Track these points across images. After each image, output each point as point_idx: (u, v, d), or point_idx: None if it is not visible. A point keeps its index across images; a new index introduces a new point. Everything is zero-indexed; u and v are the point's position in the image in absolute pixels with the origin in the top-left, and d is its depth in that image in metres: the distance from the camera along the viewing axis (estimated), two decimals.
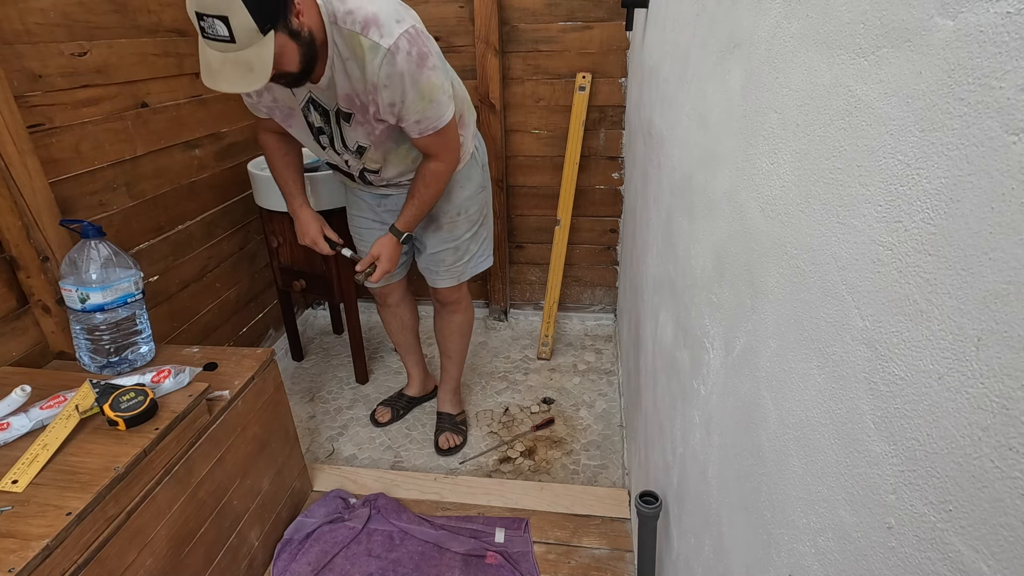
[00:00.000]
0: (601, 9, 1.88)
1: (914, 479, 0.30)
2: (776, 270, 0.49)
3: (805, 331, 0.43)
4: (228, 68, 0.95)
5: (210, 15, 0.90)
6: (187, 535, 1.05)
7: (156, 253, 1.61)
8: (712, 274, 0.68)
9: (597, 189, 2.17)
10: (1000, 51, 0.25)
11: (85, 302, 1.12)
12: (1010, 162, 0.24)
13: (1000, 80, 0.25)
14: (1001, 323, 0.24)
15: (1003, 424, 0.24)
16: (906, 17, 0.31)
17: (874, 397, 0.34)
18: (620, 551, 1.33)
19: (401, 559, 1.31)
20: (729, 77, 0.63)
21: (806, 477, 0.42)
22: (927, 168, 0.29)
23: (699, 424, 0.73)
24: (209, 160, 1.81)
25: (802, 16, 0.44)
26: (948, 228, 0.28)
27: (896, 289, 0.32)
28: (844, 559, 0.37)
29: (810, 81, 0.42)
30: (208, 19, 0.91)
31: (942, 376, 0.28)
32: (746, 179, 0.57)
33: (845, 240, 0.37)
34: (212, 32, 0.92)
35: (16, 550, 0.77)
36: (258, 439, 1.27)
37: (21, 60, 1.21)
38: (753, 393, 0.54)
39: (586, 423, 1.86)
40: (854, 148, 0.36)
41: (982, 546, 0.25)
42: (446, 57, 1.89)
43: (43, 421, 0.99)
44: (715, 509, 0.65)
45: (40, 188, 1.18)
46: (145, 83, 1.54)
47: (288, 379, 2.11)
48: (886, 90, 0.33)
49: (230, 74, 0.95)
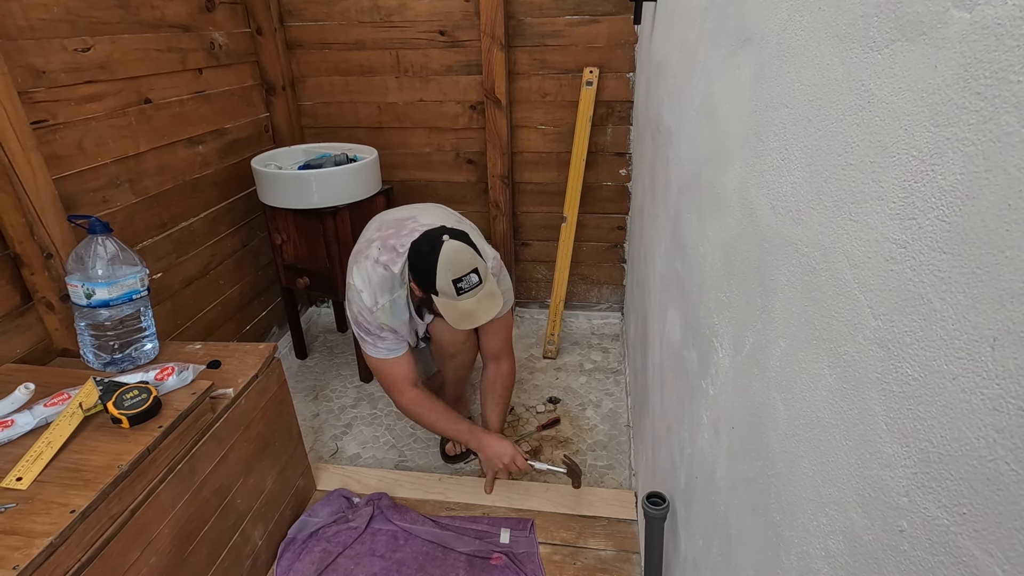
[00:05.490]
0: (609, 3, 1.87)
1: (927, 481, 0.30)
2: (786, 268, 0.48)
3: (816, 330, 0.42)
4: (484, 302, 1.22)
5: (466, 274, 1.19)
6: (190, 533, 1.05)
7: (159, 250, 1.62)
8: (721, 272, 0.68)
9: (604, 186, 2.16)
10: (1018, 44, 0.24)
11: (91, 298, 1.12)
12: None
13: (1018, 74, 0.24)
14: (1018, 323, 0.24)
15: (1019, 426, 0.24)
16: (921, 10, 0.31)
17: (886, 398, 0.33)
18: (627, 552, 1.33)
19: (405, 559, 1.31)
20: (739, 72, 0.62)
21: (816, 479, 0.42)
22: (942, 164, 0.29)
23: (707, 424, 0.73)
24: (212, 157, 1.82)
25: (814, 9, 0.44)
26: (963, 226, 0.27)
27: (910, 288, 0.31)
28: (855, 562, 0.37)
29: (822, 75, 0.42)
30: (465, 278, 1.19)
31: (956, 376, 0.28)
32: (756, 175, 0.56)
33: (857, 238, 0.37)
34: (468, 286, 1.20)
35: (20, 547, 0.77)
36: (262, 437, 1.27)
37: (24, 56, 1.21)
38: (762, 393, 0.53)
39: (592, 423, 1.86)
40: (867, 144, 0.36)
41: (996, 550, 0.25)
42: (451, 51, 1.91)
43: (47, 418, 0.99)
44: (723, 511, 0.65)
45: (43, 185, 1.18)
46: (148, 79, 1.54)
47: (292, 377, 2.11)
48: (900, 84, 0.32)
49: (487, 306, 1.22)
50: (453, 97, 2.08)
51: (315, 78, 2.12)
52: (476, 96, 2.05)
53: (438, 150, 2.18)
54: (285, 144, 2.12)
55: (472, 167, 2.19)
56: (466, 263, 1.19)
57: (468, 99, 2.07)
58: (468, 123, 2.11)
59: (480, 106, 2.07)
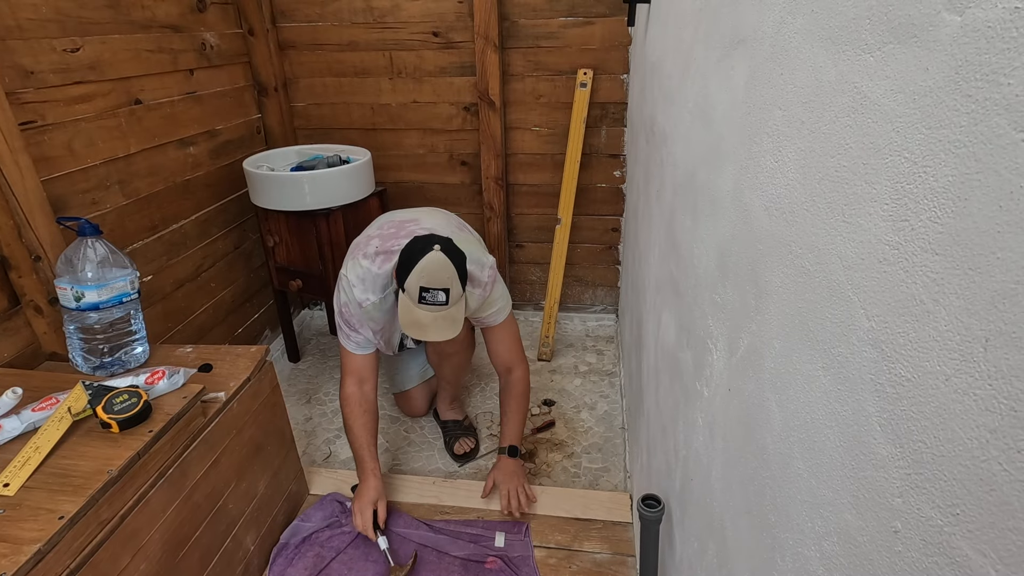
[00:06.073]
0: (603, 4, 1.87)
1: (921, 482, 0.30)
2: (780, 270, 0.48)
3: (810, 332, 0.42)
4: (439, 322, 1.21)
5: (436, 288, 1.18)
6: (182, 539, 1.04)
7: (150, 252, 1.60)
8: (715, 274, 0.68)
9: (599, 187, 2.16)
10: (1009, 47, 0.24)
11: (80, 300, 1.11)
12: (1019, 160, 0.24)
13: (1008, 76, 0.24)
14: (1009, 324, 0.24)
15: (1011, 426, 0.24)
16: (913, 12, 0.31)
17: (880, 399, 0.33)
18: (622, 555, 1.33)
19: (400, 560, 1.30)
20: (733, 73, 0.63)
21: (811, 480, 0.42)
22: (934, 166, 0.29)
23: (702, 426, 0.73)
24: (204, 158, 1.80)
25: (807, 11, 0.44)
26: (955, 227, 0.27)
27: (902, 289, 0.31)
28: (850, 563, 0.37)
29: (815, 78, 0.42)
30: (434, 291, 1.18)
31: (949, 377, 0.28)
32: (750, 177, 0.56)
33: (851, 239, 0.37)
34: (432, 300, 1.19)
35: (8, 555, 0.76)
36: (254, 442, 1.26)
37: (12, 56, 1.19)
38: (757, 395, 0.53)
39: (587, 425, 1.85)
40: (860, 146, 0.36)
41: (990, 550, 0.25)
42: (445, 53, 1.92)
43: (35, 423, 0.98)
44: (719, 513, 0.65)
45: (32, 186, 1.17)
46: (139, 79, 1.52)
47: (284, 380, 2.10)
48: (892, 87, 0.33)
49: (441, 327, 1.21)
50: (447, 98, 2.07)
51: (308, 79, 2.11)
52: (470, 97, 2.05)
53: (432, 152, 2.18)
54: (278, 145, 2.11)
55: (466, 169, 2.18)
56: (442, 279, 1.19)
57: (462, 100, 2.07)
58: (462, 124, 2.11)
59: (474, 107, 2.06)
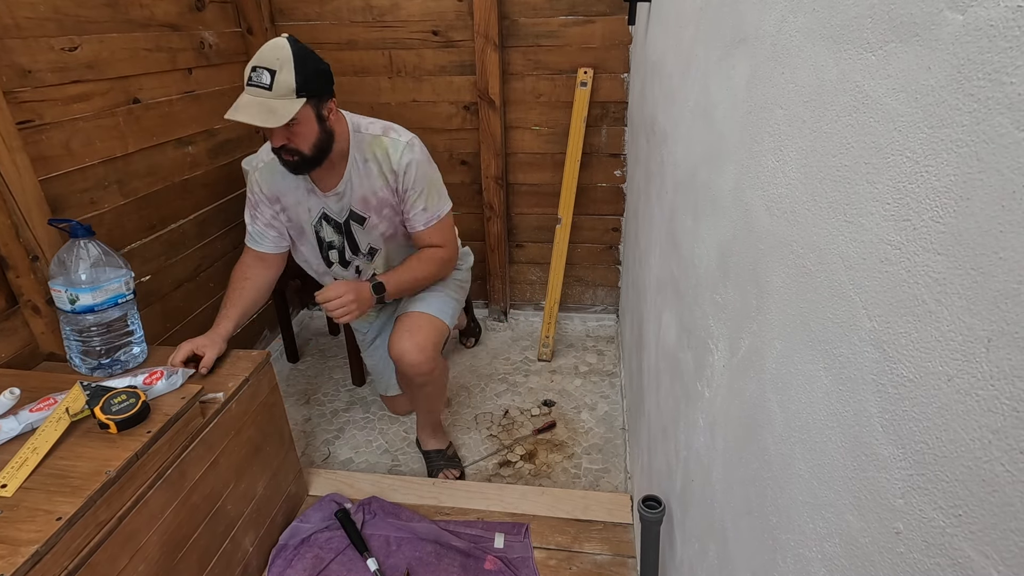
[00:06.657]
0: (603, 3, 1.87)
1: (923, 483, 0.29)
2: (782, 269, 0.48)
3: (811, 332, 0.42)
4: (253, 107, 1.09)
5: (262, 67, 1.08)
6: (180, 540, 1.03)
7: (148, 252, 1.60)
8: (716, 274, 0.68)
9: (599, 187, 2.16)
10: (1011, 46, 0.24)
11: (75, 303, 1.10)
12: (1021, 159, 0.24)
13: (1011, 75, 0.24)
14: (1012, 324, 0.24)
15: (1014, 427, 0.24)
16: (915, 11, 0.31)
17: (882, 399, 0.33)
18: (622, 557, 1.33)
19: (398, 564, 1.30)
20: (734, 72, 0.63)
21: (812, 481, 0.42)
22: (936, 165, 0.29)
23: (703, 427, 0.73)
24: (202, 157, 1.80)
25: (808, 10, 0.44)
26: (958, 227, 0.27)
27: (905, 289, 0.31)
28: (851, 565, 0.37)
29: (817, 77, 0.42)
30: (259, 70, 1.08)
31: (952, 378, 0.28)
32: (751, 177, 0.56)
33: (852, 239, 0.37)
34: (256, 80, 1.09)
35: (5, 556, 0.75)
36: (253, 442, 1.25)
37: (10, 55, 1.19)
38: (758, 395, 0.53)
39: (588, 426, 1.85)
40: (861, 145, 0.36)
41: (992, 551, 0.25)
42: (445, 51, 1.91)
43: (33, 424, 0.98)
44: (719, 514, 0.65)
45: (30, 186, 1.17)
46: (137, 78, 1.52)
47: (283, 381, 2.09)
48: (894, 86, 0.32)
49: (253, 112, 1.09)
50: (447, 98, 2.07)
51: None
52: (470, 97, 2.05)
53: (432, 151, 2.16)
54: None
55: (466, 168, 2.18)
56: (269, 58, 1.08)
57: (462, 100, 2.06)
58: (462, 124, 2.11)
59: (474, 107, 2.06)
